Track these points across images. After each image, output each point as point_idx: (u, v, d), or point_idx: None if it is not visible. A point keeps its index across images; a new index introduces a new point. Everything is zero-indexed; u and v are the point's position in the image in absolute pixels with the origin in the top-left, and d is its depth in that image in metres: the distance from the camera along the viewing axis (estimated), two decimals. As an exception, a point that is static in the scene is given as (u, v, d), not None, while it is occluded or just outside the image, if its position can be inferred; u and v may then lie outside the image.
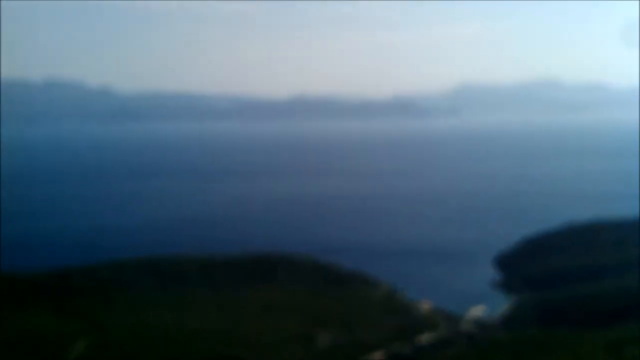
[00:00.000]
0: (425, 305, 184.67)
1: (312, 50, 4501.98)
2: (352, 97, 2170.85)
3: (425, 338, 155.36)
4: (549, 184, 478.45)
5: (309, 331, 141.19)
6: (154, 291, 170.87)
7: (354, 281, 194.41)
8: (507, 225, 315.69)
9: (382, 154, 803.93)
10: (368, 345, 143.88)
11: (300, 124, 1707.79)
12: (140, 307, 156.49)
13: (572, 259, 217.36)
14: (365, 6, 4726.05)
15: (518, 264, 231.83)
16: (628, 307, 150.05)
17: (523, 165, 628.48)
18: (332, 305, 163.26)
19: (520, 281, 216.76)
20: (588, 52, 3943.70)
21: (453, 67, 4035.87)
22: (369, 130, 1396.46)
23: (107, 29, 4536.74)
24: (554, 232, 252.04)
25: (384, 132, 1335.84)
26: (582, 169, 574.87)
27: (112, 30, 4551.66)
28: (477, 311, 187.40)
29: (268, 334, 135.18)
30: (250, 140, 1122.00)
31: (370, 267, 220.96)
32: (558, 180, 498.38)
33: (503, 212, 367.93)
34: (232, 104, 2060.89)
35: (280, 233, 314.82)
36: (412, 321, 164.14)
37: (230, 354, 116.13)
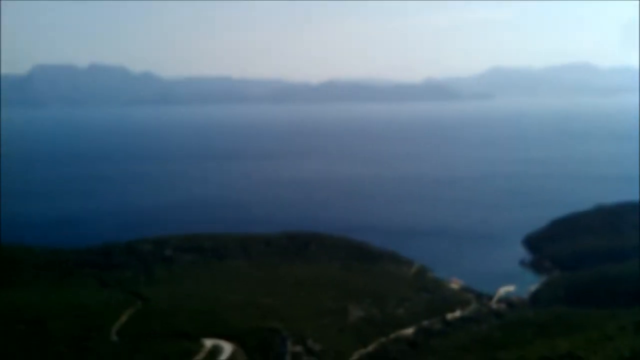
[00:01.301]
0: (456, 284, 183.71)
1: (345, 35, 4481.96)
2: (384, 81, 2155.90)
3: (455, 315, 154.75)
4: (578, 166, 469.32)
5: (341, 305, 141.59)
6: (194, 265, 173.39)
7: (385, 259, 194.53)
8: (537, 206, 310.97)
9: (412, 137, 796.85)
10: (399, 321, 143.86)
11: (333, 107, 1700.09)
12: (180, 280, 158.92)
13: (600, 240, 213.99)
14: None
15: (547, 245, 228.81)
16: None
17: (553, 147, 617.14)
18: (364, 281, 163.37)
19: (549, 261, 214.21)
20: (617, 35, 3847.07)
21: (485, 50, 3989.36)
22: (401, 113, 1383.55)
23: (149, 15, 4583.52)
24: (582, 214, 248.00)
25: (415, 114, 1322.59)
26: (612, 151, 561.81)
27: (155, 16, 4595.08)
28: (507, 290, 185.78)
29: (302, 307, 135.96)
30: (285, 122, 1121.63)
31: (402, 246, 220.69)
32: (587, 163, 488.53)
33: (533, 193, 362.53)
34: (269, 87, 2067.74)
35: (312, 212, 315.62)
36: (443, 299, 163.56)
37: (267, 325, 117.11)
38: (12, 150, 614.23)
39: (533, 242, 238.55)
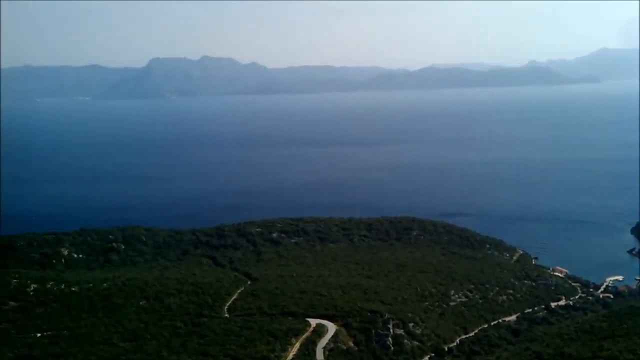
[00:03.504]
0: (560, 272, 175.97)
1: (443, 20, 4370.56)
2: (484, 65, 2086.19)
3: (559, 304, 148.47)
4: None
5: (442, 290, 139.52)
6: (299, 247, 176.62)
7: (487, 245, 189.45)
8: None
9: (516, 120, 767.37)
10: (501, 308, 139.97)
11: (433, 92, 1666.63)
12: (286, 261, 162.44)
13: None
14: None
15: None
16: None
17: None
18: (466, 267, 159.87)
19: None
20: None
21: (590, 32, 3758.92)
22: (504, 97, 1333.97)
23: (254, 9, 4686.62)
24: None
25: (519, 98, 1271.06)
26: None
27: (259, 10, 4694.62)
28: (614, 279, 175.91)
29: (403, 290, 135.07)
30: (385, 108, 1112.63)
31: (504, 232, 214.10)
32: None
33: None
34: (369, 74, 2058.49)
35: (412, 197, 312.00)
36: (546, 287, 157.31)
37: (369, 307, 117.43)
38: (130, 137, 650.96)
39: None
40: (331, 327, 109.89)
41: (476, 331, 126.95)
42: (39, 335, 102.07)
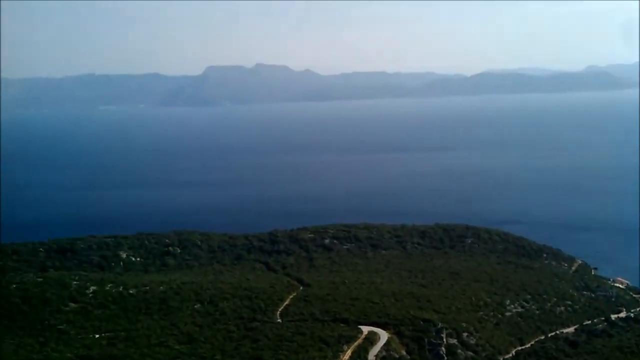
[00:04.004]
0: (621, 283, 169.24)
1: (498, 26, 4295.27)
2: (541, 70, 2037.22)
3: (620, 316, 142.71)
4: None
5: (498, 300, 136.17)
6: (350, 254, 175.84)
7: (545, 254, 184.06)
8: None
9: (575, 126, 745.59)
10: (559, 319, 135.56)
11: (489, 98, 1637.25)
12: (338, 268, 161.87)
13: None
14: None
15: None
16: None
17: None
18: (522, 276, 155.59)
19: None
20: None
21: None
22: (563, 103, 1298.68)
23: (309, 15, 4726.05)
24: None
25: (579, 103, 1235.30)
26: None
27: (313, 16, 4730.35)
28: None
29: (457, 299, 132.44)
30: (440, 114, 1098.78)
31: (562, 241, 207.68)
32: None
33: None
34: (423, 80, 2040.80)
35: (466, 204, 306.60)
36: (606, 298, 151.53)
37: (422, 316, 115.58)
38: (187, 144, 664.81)
39: None
40: (383, 335, 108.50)
41: (532, 343, 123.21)
42: (97, 336, 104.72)
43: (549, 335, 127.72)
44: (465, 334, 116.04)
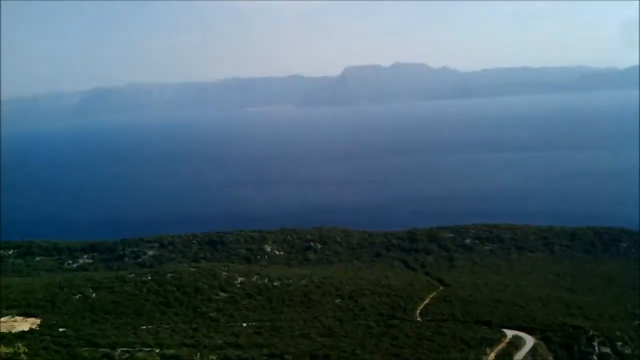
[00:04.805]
0: None
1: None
2: None
3: None
4: None
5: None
6: (493, 255, 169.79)
7: None
8: None
9: None
10: None
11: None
12: (480, 269, 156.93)
13: None
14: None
15: None
16: None
17: None
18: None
19: None
20: None
21: None
22: None
23: (447, 11, 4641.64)
24: None
25: None
26: None
27: (454, 11, 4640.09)
28: None
29: (611, 306, 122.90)
30: (588, 110, 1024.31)
31: None
32: None
33: None
34: (570, 74, 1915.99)
35: (619, 206, 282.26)
36: None
37: (572, 322, 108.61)
38: (329, 143, 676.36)
39: None
40: (529, 340, 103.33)
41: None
42: (244, 325, 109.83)
43: None
44: (619, 343, 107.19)
